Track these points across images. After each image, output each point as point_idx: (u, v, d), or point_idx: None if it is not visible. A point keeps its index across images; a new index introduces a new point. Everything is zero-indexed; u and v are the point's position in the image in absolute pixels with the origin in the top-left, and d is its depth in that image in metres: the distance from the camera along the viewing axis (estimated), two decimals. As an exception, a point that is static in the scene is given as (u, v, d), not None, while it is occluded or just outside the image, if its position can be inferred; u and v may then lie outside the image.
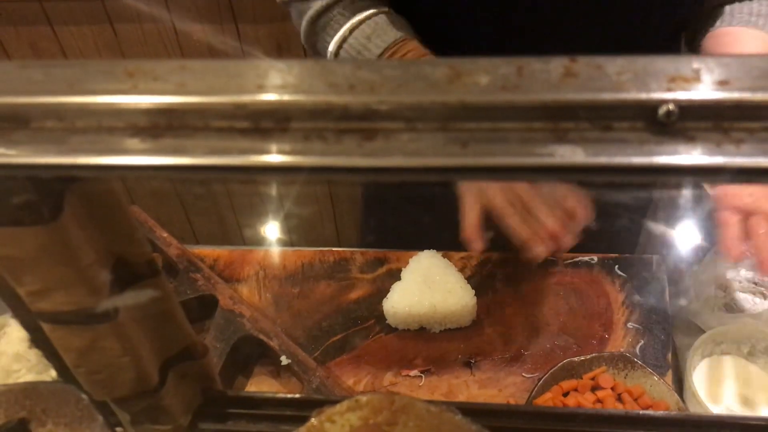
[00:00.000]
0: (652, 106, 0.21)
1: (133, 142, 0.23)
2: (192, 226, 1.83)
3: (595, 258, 0.86)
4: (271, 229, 1.62)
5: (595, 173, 0.21)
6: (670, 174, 0.21)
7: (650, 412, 0.66)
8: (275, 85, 0.23)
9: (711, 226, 1.04)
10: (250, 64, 0.24)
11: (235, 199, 1.75)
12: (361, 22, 0.76)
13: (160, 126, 0.23)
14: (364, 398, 0.32)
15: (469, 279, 0.83)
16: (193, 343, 0.40)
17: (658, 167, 0.21)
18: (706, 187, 1.14)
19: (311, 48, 0.81)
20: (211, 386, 0.43)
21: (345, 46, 0.76)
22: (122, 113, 0.24)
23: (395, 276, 0.86)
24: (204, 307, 0.81)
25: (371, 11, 0.77)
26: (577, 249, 0.87)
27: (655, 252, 0.88)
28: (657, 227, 0.94)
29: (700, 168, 0.21)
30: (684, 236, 1.00)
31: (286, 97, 0.23)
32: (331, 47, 0.77)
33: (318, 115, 0.23)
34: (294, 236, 1.74)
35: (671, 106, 0.21)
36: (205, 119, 0.23)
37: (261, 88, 0.23)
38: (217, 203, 1.77)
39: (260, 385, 0.77)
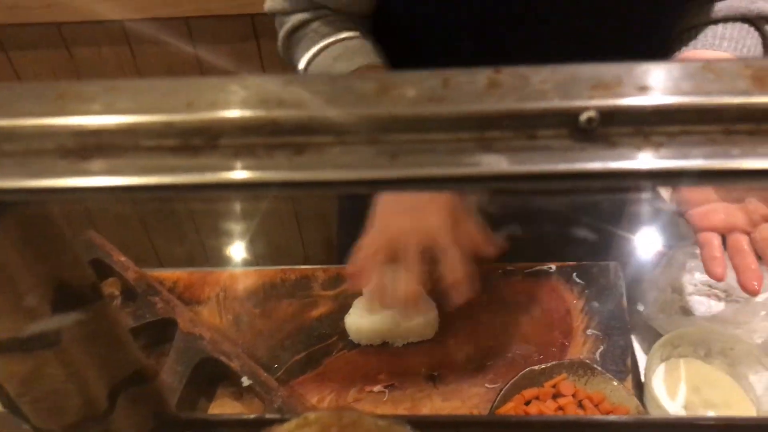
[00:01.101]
0: (574, 114, 0.22)
1: (62, 165, 0.23)
2: (155, 248, 1.81)
3: (554, 266, 0.87)
4: (235, 249, 1.61)
5: (520, 181, 0.22)
6: (593, 179, 0.22)
7: (610, 417, 0.67)
8: (205, 102, 0.23)
9: (666, 232, 1.06)
10: (180, 82, 0.24)
11: (199, 221, 1.74)
12: (331, 44, 0.77)
13: (89, 147, 0.23)
14: (312, 415, 0.32)
15: (429, 291, 0.83)
16: (143, 367, 0.39)
17: (582, 173, 0.22)
18: (662, 193, 1.16)
19: (289, 61, 0.81)
20: (164, 410, 0.42)
21: (313, 64, 0.78)
22: (51, 135, 0.23)
23: (358, 292, 0.86)
24: (163, 330, 0.80)
25: (344, 35, 0.77)
26: (536, 258, 0.88)
27: (613, 259, 0.89)
28: (614, 234, 0.96)
29: (623, 172, 0.22)
30: (640, 242, 1.02)
31: (215, 114, 0.23)
32: (302, 64, 0.78)
33: (248, 131, 0.23)
34: (258, 256, 1.73)
35: (592, 113, 0.22)
36: (135, 139, 0.23)
37: (190, 106, 0.23)
38: (179, 225, 1.75)
39: (223, 408, 0.76)
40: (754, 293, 0.63)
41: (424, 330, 0.80)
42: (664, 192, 1.16)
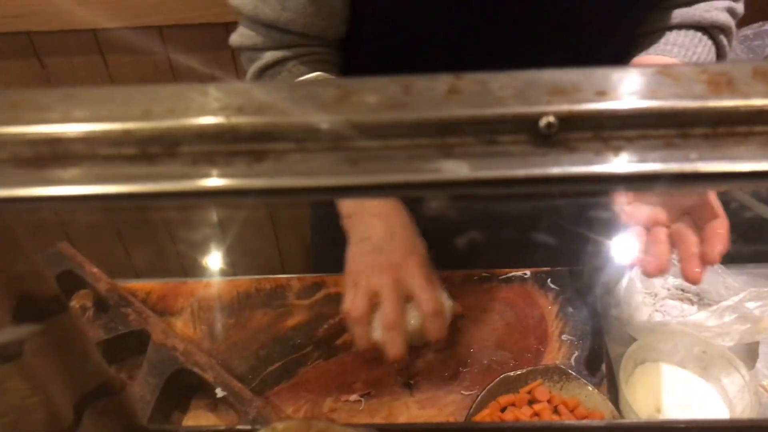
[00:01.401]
0: (534, 119, 0.22)
1: (17, 174, 0.23)
2: (128, 259, 1.79)
3: (528, 272, 0.87)
4: (210, 259, 1.59)
5: (481, 187, 0.22)
6: (553, 184, 0.22)
7: (585, 422, 0.67)
8: (163, 109, 0.23)
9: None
10: (137, 90, 0.23)
11: (173, 230, 1.72)
12: None
13: (45, 156, 0.23)
14: (281, 425, 0.31)
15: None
16: (110, 379, 0.38)
17: (542, 178, 0.22)
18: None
19: None
20: (133, 422, 0.41)
21: None
22: (5, 144, 0.23)
23: (333, 300, 0.86)
24: (136, 342, 0.79)
25: (316, 74, 0.77)
26: (510, 264, 0.88)
27: (586, 264, 0.89)
28: (588, 239, 0.96)
29: (582, 177, 0.22)
30: (614, 247, 1.03)
31: (173, 122, 0.23)
32: None
33: (207, 138, 0.23)
34: (234, 265, 1.72)
35: (551, 118, 0.22)
36: (92, 147, 0.23)
37: (148, 114, 0.23)
38: (153, 235, 1.74)
39: (197, 419, 0.75)
40: (654, 274, 0.68)
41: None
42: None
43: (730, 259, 0.85)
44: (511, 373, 0.72)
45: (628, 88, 0.22)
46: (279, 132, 0.23)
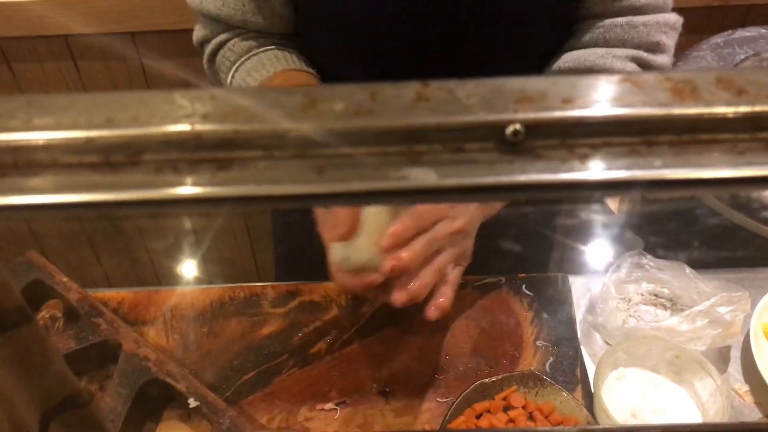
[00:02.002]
0: (500, 127, 0.22)
1: (-24, 183, 0.22)
2: (100, 268, 1.77)
3: (503, 279, 0.88)
4: (183, 268, 1.58)
5: (448, 194, 0.22)
6: (520, 191, 0.22)
7: (560, 428, 0.67)
8: (126, 117, 0.23)
9: (613, 243, 1.08)
10: (100, 97, 0.23)
11: (145, 239, 1.70)
12: (245, 60, 0.79)
13: (6, 165, 0.22)
14: (251, 435, 0.31)
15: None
16: (77, 391, 0.38)
17: (508, 185, 0.22)
18: (610, 206, 1.18)
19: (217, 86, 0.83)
20: (101, 434, 0.41)
21: (233, 83, 0.79)
22: (-36, 153, 0.23)
23: (308, 308, 0.86)
24: (107, 352, 0.78)
25: (258, 49, 0.79)
26: (485, 271, 0.88)
27: (561, 270, 0.90)
28: (562, 246, 0.97)
29: (549, 184, 0.22)
30: (588, 253, 1.04)
31: (136, 130, 0.22)
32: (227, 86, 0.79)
33: (170, 146, 0.22)
34: (207, 274, 1.71)
35: (518, 126, 0.22)
36: (53, 155, 0.22)
37: (111, 122, 0.22)
38: (125, 244, 1.72)
39: (170, 430, 0.74)
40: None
41: None
42: (612, 204, 1.18)
43: (701, 265, 0.86)
44: (487, 380, 0.72)
45: (593, 96, 0.22)
46: (244, 139, 0.22)
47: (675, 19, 0.78)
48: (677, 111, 0.22)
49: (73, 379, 0.37)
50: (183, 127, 0.22)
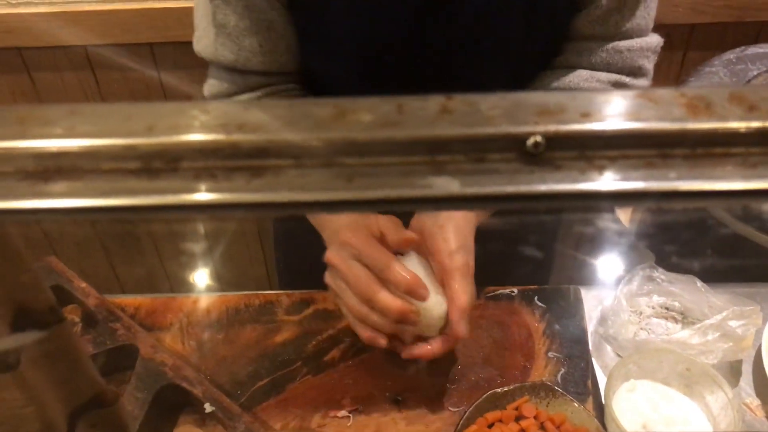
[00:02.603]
0: (521, 139, 0.23)
1: (23, 187, 0.23)
2: (117, 275, 1.79)
3: (515, 290, 0.88)
4: (197, 276, 1.59)
5: (471, 202, 0.23)
6: (540, 200, 0.23)
7: (571, 438, 0.68)
8: (166, 126, 0.24)
9: (625, 256, 1.09)
10: (141, 107, 0.24)
11: (162, 246, 1.72)
12: None
13: (50, 170, 0.24)
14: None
15: None
16: (103, 391, 0.39)
17: (529, 195, 0.23)
18: (621, 219, 1.19)
19: None
20: (124, 435, 0.42)
21: None
22: (11, 158, 0.24)
23: (322, 317, 0.87)
24: (124, 357, 0.79)
25: None
26: (498, 282, 0.89)
27: (573, 282, 0.91)
28: (574, 258, 0.98)
29: (568, 194, 0.23)
30: (600, 266, 1.04)
31: (175, 138, 0.23)
32: None
33: (207, 154, 0.23)
34: (223, 281, 1.72)
35: (539, 138, 0.23)
36: (96, 162, 0.24)
37: (151, 130, 0.24)
38: (142, 251, 1.73)
39: (184, 435, 0.75)
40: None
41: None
42: (624, 217, 1.19)
43: (713, 278, 0.87)
44: (499, 390, 0.73)
45: (611, 111, 0.23)
46: (277, 148, 0.23)
47: (657, 41, 0.80)
48: (692, 126, 0.23)
49: (99, 379, 0.38)
50: (219, 136, 0.23)
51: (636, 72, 0.80)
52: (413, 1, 0.73)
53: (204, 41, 0.78)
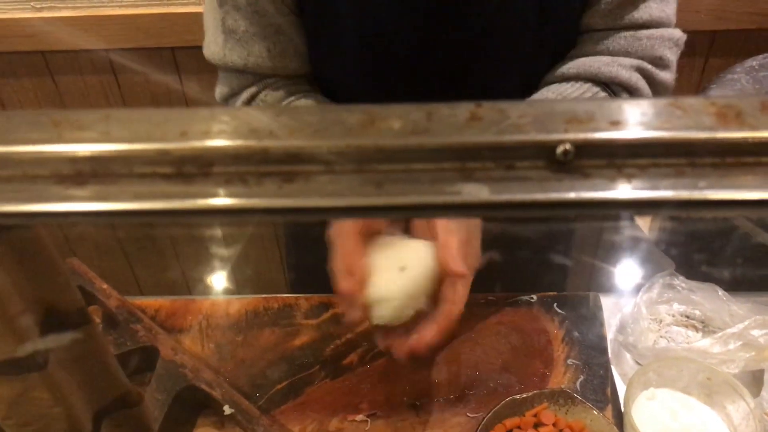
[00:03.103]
0: (551, 146, 0.23)
1: (58, 190, 0.24)
2: (136, 277, 1.80)
3: (534, 297, 0.88)
4: (217, 278, 1.60)
5: (499, 209, 0.23)
6: (568, 208, 0.23)
7: (590, 446, 0.67)
8: (198, 131, 0.24)
9: (645, 263, 1.08)
10: (173, 112, 0.25)
11: (180, 249, 1.73)
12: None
13: (85, 173, 0.24)
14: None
15: None
16: (128, 391, 0.39)
17: (558, 202, 0.23)
18: (641, 226, 1.18)
19: None
20: (148, 435, 0.42)
21: None
22: (47, 162, 0.24)
23: (340, 321, 0.87)
24: (145, 358, 0.79)
25: (289, 99, 0.80)
26: (517, 288, 0.89)
27: (593, 289, 0.90)
28: (594, 265, 0.97)
29: (597, 202, 0.23)
30: (620, 273, 1.04)
31: (208, 143, 0.24)
32: None
33: (239, 159, 0.24)
34: (240, 284, 1.73)
35: (568, 146, 0.23)
36: (129, 166, 0.24)
37: (184, 135, 0.24)
38: (162, 254, 1.75)
39: (204, 437, 0.76)
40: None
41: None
42: (643, 225, 1.18)
43: (735, 287, 0.86)
44: (517, 396, 0.73)
45: (640, 119, 0.23)
46: (308, 154, 0.24)
47: (679, 35, 0.78)
48: (721, 134, 0.23)
49: (124, 379, 0.39)
50: (251, 141, 0.24)
51: (658, 62, 0.77)
52: (424, 4, 0.73)
53: (212, 47, 0.79)
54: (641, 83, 0.76)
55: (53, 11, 1.36)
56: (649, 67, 0.77)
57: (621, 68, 0.75)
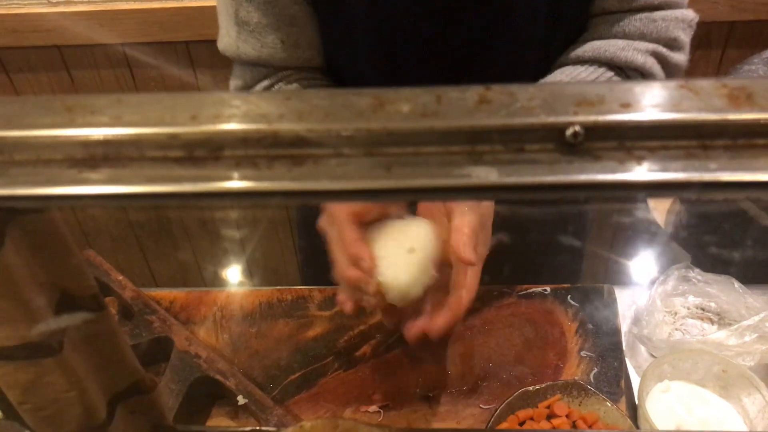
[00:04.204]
0: (560, 129, 0.23)
1: (71, 173, 0.24)
2: (151, 269, 1.82)
3: (548, 288, 0.88)
4: (231, 270, 1.61)
5: (509, 191, 0.23)
6: (578, 190, 0.23)
7: (603, 437, 0.67)
8: (208, 115, 0.24)
9: (660, 255, 1.07)
10: (183, 96, 0.25)
11: (194, 241, 1.74)
12: None
13: (98, 157, 0.24)
14: (308, 424, 0.32)
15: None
16: (142, 378, 0.40)
17: (568, 184, 0.23)
18: (657, 218, 1.18)
19: None
20: (161, 421, 0.43)
21: None
22: (60, 146, 0.25)
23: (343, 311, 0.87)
24: (160, 349, 0.80)
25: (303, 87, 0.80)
26: (530, 280, 0.89)
27: (607, 281, 0.90)
28: (608, 257, 0.97)
29: (607, 184, 0.23)
30: (635, 265, 1.03)
31: (218, 127, 0.24)
32: None
33: (249, 143, 0.24)
34: (254, 276, 1.74)
35: (577, 128, 0.23)
36: (141, 150, 0.24)
37: (194, 119, 0.24)
38: (176, 245, 1.76)
39: (218, 426, 0.76)
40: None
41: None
42: (659, 216, 1.17)
43: (751, 279, 0.85)
44: (530, 388, 0.73)
45: (651, 101, 0.23)
46: (317, 138, 0.24)
47: (692, 16, 0.78)
48: (732, 116, 0.23)
49: (138, 366, 0.39)
50: (261, 125, 0.24)
51: (672, 44, 0.77)
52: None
53: (226, 39, 0.80)
54: (656, 68, 0.76)
55: (69, 6, 1.37)
56: (663, 50, 0.76)
57: (636, 53, 0.75)
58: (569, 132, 0.23)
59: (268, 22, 0.76)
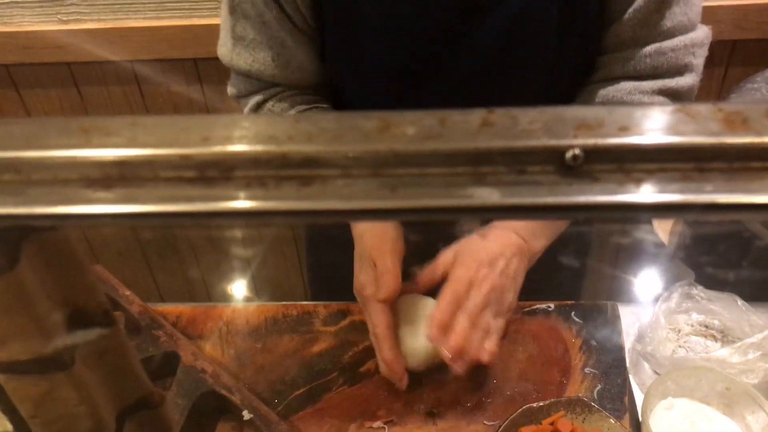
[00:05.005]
0: (560, 151, 0.24)
1: (87, 193, 0.25)
2: (157, 284, 1.82)
3: (552, 305, 0.88)
4: (236, 286, 1.62)
5: (510, 212, 0.24)
6: (578, 212, 0.24)
7: (607, 454, 0.67)
8: (220, 137, 0.25)
9: (664, 273, 1.08)
10: (196, 119, 0.26)
11: (200, 256, 1.75)
12: None
13: (113, 177, 0.25)
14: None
15: None
16: (150, 392, 0.40)
17: (567, 206, 0.24)
18: (660, 236, 1.18)
19: None
20: (169, 436, 0.43)
21: None
22: (76, 166, 0.25)
23: (359, 328, 0.87)
24: (166, 363, 0.81)
25: (296, 109, 0.83)
26: (534, 297, 0.89)
27: (611, 298, 0.90)
28: (612, 274, 0.97)
29: (605, 205, 0.24)
30: (638, 282, 1.03)
31: (229, 148, 0.25)
32: None
33: (259, 164, 0.25)
34: (260, 291, 1.74)
35: (577, 151, 0.24)
36: (155, 170, 0.25)
37: (206, 141, 0.25)
38: (182, 261, 1.77)
39: (223, 442, 0.77)
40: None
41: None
42: (662, 234, 1.18)
43: (754, 297, 0.86)
44: (534, 405, 0.73)
45: (649, 125, 0.24)
46: (325, 159, 0.25)
47: (703, 35, 0.79)
48: (728, 140, 0.23)
49: (147, 381, 0.40)
50: (270, 147, 0.25)
51: (682, 70, 0.79)
52: (445, 19, 0.74)
53: (223, 49, 0.84)
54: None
55: (79, 23, 1.39)
56: (672, 83, 0.78)
57: (643, 95, 0.78)
58: (569, 155, 0.24)
59: (262, 40, 0.80)
